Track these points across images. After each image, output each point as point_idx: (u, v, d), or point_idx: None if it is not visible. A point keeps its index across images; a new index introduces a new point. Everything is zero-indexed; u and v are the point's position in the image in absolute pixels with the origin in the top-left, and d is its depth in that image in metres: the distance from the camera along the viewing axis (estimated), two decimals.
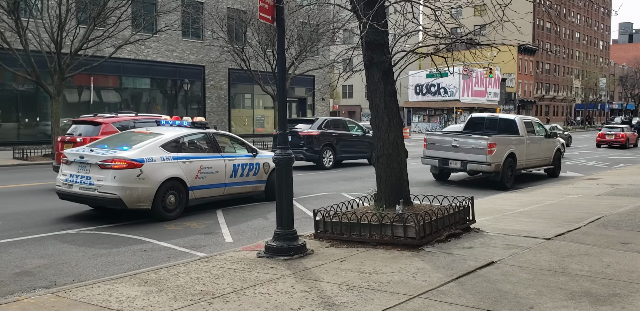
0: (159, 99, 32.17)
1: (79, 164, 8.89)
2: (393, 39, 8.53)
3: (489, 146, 13.31)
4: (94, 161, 8.67)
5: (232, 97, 34.62)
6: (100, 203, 8.87)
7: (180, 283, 5.25)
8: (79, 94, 28.10)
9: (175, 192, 9.07)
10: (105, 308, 4.55)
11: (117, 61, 27.45)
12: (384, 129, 7.48)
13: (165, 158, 9.02)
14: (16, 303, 4.71)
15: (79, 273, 6.00)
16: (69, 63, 22.11)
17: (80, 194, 8.78)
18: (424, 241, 6.55)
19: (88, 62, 22.74)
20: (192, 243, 7.42)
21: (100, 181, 8.52)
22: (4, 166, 19.05)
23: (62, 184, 9.05)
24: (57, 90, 22.10)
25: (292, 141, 17.24)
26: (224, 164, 10.01)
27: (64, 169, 9.21)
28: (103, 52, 24.66)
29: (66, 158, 9.17)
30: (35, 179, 14.72)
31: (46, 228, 8.29)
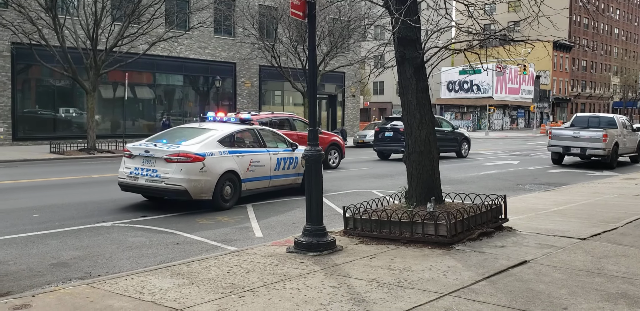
0: (191, 95, 32.57)
1: (144, 158, 9.44)
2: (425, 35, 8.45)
3: (603, 136, 18.24)
4: (160, 155, 9.23)
5: (262, 94, 34.83)
6: (167, 194, 9.43)
7: (211, 276, 5.31)
8: (113, 90, 28.64)
9: (231, 184, 9.70)
10: (139, 300, 4.64)
11: (150, 58, 27.89)
12: (416, 126, 7.42)
13: (222, 152, 9.68)
14: (53, 293, 4.83)
15: (113, 265, 6.13)
16: (104, 59, 22.56)
17: (146, 186, 9.34)
18: (455, 239, 6.49)
19: (123, 58, 23.16)
20: (223, 237, 7.50)
21: (166, 173, 9.10)
22: (41, 160, 19.57)
23: (126, 177, 9.55)
24: (92, 86, 22.58)
25: (394, 136, 20.28)
26: (269, 158, 10.66)
27: (127, 162, 9.70)
28: (137, 49, 25.08)
29: (129, 152, 9.68)
30: (71, 173, 15.09)
31: (81, 220, 8.49)
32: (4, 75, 24.79)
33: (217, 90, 32.05)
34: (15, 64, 25.08)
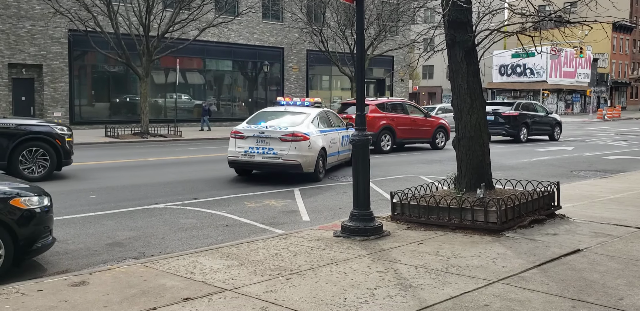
0: (240, 80, 32.92)
1: (258, 139, 10.84)
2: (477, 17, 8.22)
3: None
4: (275, 136, 10.73)
5: (310, 78, 34.84)
6: (283, 168, 10.93)
7: (259, 258, 5.41)
8: (165, 75, 29.26)
9: (322, 158, 11.27)
10: (190, 280, 4.77)
11: (201, 44, 28.29)
12: (466, 111, 7.26)
13: (316, 132, 11.27)
14: (109, 271, 5.03)
15: (166, 246, 6.32)
16: (157, 45, 23.03)
17: (263, 162, 10.82)
18: (505, 226, 6.37)
19: (174, 44, 23.59)
20: (270, 220, 7.61)
21: (283, 151, 10.62)
22: (97, 144, 20.28)
23: (241, 155, 10.89)
24: (145, 71, 23.13)
25: (495, 120, 21.77)
26: (338, 136, 12.41)
27: (239, 143, 10.98)
28: (188, 35, 25.47)
29: (241, 134, 11.02)
30: (125, 156, 15.59)
31: (135, 202, 8.78)
32: (61, 61, 25.70)
33: (266, 75, 32.27)
34: (72, 50, 25.95)
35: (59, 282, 4.69)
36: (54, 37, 25.43)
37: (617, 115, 47.65)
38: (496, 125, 21.85)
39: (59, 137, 11.08)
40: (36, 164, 10.76)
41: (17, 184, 5.45)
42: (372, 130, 17.06)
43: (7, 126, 10.61)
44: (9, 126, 10.64)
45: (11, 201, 5.04)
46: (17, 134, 10.56)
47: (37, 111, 25.39)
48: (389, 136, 17.75)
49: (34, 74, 25.43)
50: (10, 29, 24.40)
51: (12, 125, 10.68)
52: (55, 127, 11.28)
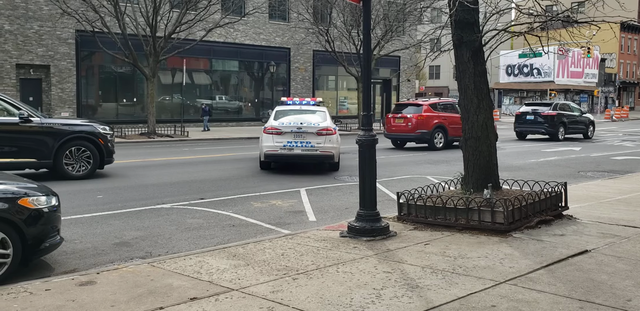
0: (246, 81, 32.96)
1: (295, 134, 12.25)
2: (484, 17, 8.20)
3: None
4: (312, 131, 12.24)
5: (316, 79, 34.84)
6: (320, 159, 12.50)
7: (266, 258, 5.42)
8: (172, 75, 29.35)
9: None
10: (197, 279, 4.79)
11: (207, 44, 28.35)
12: (473, 111, 7.25)
13: (335, 127, 12.96)
14: (116, 271, 5.05)
15: (172, 245, 6.34)
16: (163, 46, 23.11)
17: (302, 154, 12.28)
18: (512, 226, 6.34)
19: (181, 45, 23.66)
20: (277, 221, 7.62)
21: (319, 144, 12.23)
22: None
23: (280, 149, 12.21)
24: (152, 72, 23.21)
25: (534, 120, 23.55)
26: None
27: (276, 138, 12.27)
28: (194, 35, 25.53)
29: (279, 130, 12.29)
30: (132, 157, 15.63)
31: (142, 202, 8.81)
32: (69, 62, 25.83)
33: (272, 75, 32.30)
34: (79, 51, 26.08)
35: (67, 281, 4.71)
36: (62, 37, 25.56)
37: (625, 115, 47.37)
38: (536, 124, 23.60)
39: (102, 137, 11.45)
40: (80, 163, 11.08)
41: (25, 184, 5.48)
42: (426, 128, 18.72)
43: (52, 125, 10.89)
44: (54, 125, 10.91)
45: (19, 200, 5.07)
46: (62, 134, 10.89)
47: (44, 112, 25.52)
48: (442, 134, 19.03)
49: (42, 75, 25.57)
50: (19, 30, 24.55)
51: (57, 124, 10.98)
52: (98, 127, 11.63)
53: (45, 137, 10.73)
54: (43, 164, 10.85)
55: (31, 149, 10.59)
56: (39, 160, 10.71)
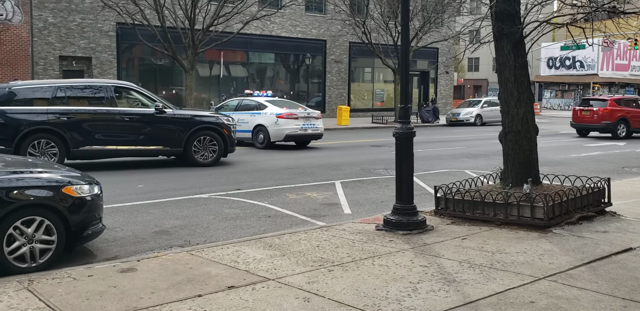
0: (282, 73, 33.07)
1: (306, 118, 16.43)
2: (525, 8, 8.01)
3: None
4: (315, 115, 16.74)
5: (352, 71, 34.68)
6: (317, 137, 16.91)
7: (301, 249, 5.45)
8: (209, 68, 29.67)
9: None
10: (234, 268, 4.85)
11: (244, 37, 28.51)
12: (513, 104, 7.10)
13: None
14: (156, 258, 5.16)
15: (210, 235, 6.44)
16: (202, 39, 23.35)
17: (311, 133, 16.58)
18: (552, 222, 6.21)
19: (218, 37, 23.87)
20: (312, 212, 7.65)
21: (319, 125, 16.71)
22: None
23: (299, 130, 16.18)
24: (190, 64, 23.50)
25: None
26: None
27: (294, 122, 16.13)
28: (232, 28, 25.71)
29: (296, 115, 16.20)
30: None
31: (181, 191, 8.96)
32: (110, 54, 26.38)
33: (307, 67, 32.32)
34: (120, 43, 26.59)
35: (109, 268, 4.84)
36: (103, 30, 26.10)
37: None
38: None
39: (226, 127, 12.36)
40: (206, 151, 11.92)
41: (69, 172, 5.64)
42: (610, 120, 21.51)
43: (183, 116, 11.92)
44: (185, 116, 11.93)
45: (63, 189, 5.22)
46: (192, 124, 11.84)
47: None
48: (624, 125, 21.70)
49: (84, 66, 26.19)
50: (62, 23, 25.17)
51: (187, 115, 12.02)
52: (222, 118, 12.58)
53: (177, 127, 11.75)
54: (174, 152, 11.96)
55: (164, 138, 11.66)
56: (171, 148, 11.78)
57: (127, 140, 11.35)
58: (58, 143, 10.76)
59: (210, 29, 23.62)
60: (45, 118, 10.72)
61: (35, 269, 4.88)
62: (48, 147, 10.71)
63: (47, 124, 10.71)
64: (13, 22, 23.95)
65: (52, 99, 10.96)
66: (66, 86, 11.28)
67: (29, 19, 24.35)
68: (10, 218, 4.83)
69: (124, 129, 11.30)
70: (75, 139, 10.90)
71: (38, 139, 10.65)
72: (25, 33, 24.42)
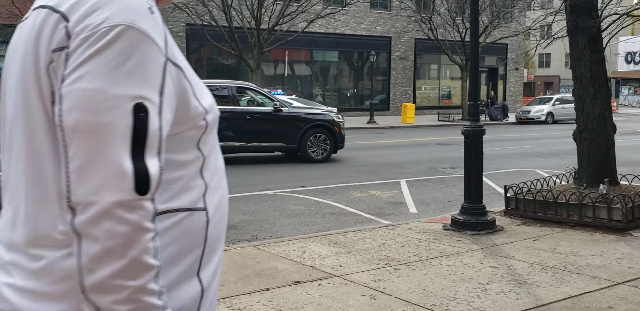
0: (345, 71, 33.11)
1: None
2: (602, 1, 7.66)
3: None
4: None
5: (417, 68, 34.27)
6: None
7: (366, 247, 5.44)
8: (274, 67, 30.13)
9: None
10: (300, 264, 4.91)
11: (308, 35, 28.76)
12: (589, 101, 6.80)
13: None
14: (225, 252, 5.30)
15: (276, 230, 6.54)
16: (267, 38, 23.74)
17: None
18: (631, 225, 5.90)
19: (283, 36, 24.18)
20: (376, 211, 7.62)
21: None
22: None
23: None
24: (256, 63, 23.94)
25: None
26: None
27: None
28: (297, 27, 25.99)
29: None
30: None
31: (249, 187, 9.16)
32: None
33: (372, 65, 32.17)
34: (189, 44, 27.45)
35: None
36: (173, 31, 26.99)
37: None
38: None
39: (337, 124, 12.77)
40: (319, 148, 12.42)
41: None
42: None
43: (299, 114, 12.60)
44: (300, 114, 12.63)
45: None
46: (306, 121, 12.41)
47: None
48: None
49: None
50: None
51: (302, 113, 12.69)
52: (333, 115, 13.10)
53: (292, 125, 12.34)
54: (289, 148, 12.55)
55: (281, 135, 12.24)
56: (287, 144, 12.40)
57: (249, 137, 12.04)
58: None
59: (275, 28, 23.96)
60: None
61: None
62: None
63: None
64: None
65: None
66: None
67: None
68: None
69: (246, 126, 12.00)
70: None
71: None
72: None
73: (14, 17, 22.09)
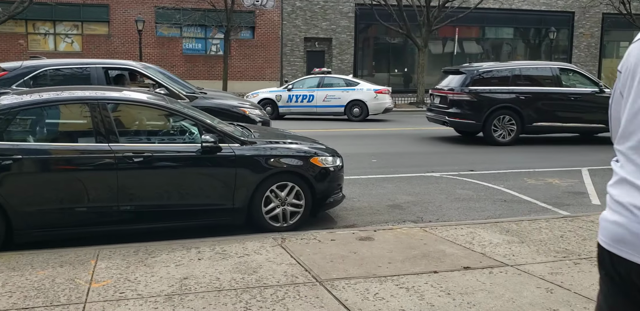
0: (520, 48, 31.10)
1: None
2: None
3: None
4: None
5: (604, 45, 31.00)
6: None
7: (542, 238, 5.09)
8: (442, 45, 29.30)
9: None
10: (469, 250, 4.74)
11: (480, 11, 27.40)
12: None
13: None
14: (391, 231, 5.31)
15: (442, 214, 6.40)
16: (437, 15, 23.09)
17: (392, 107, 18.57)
18: None
19: (454, 13, 23.33)
20: (553, 200, 7.08)
21: None
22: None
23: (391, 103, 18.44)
24: (424, 42, 23.48)
25: None
26: None
27: (387, 96, 18.13)
28: (468, 3, 24.90)
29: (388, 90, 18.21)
30: (401, 125, 16.23)
31: (412, 168, 9.07)
32: (348, 34, 27.71)
33: (550, 42, 29.81)
34: (357, 24, 27.74)
35: (348, 235, 5.13)
36: (343, 11, 27.47)
37: None
38: None
39: None
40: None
41: (314, 144, 6.07)
42: None
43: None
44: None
45: (311, 159, 5.65)
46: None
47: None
48: None
49: (325, 47, 27.99)
50: (307, 6, 27.15)
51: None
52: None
53: None
54: None
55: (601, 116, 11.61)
56: None
57: (570, 117, 12.10)
58: (516, 119, 11.94)
59: (446, 5, 23.20)
60: (509, 97, 11.96)
61: (285, 229, 5.42)
62: (508, 123, 11.98)
63: (510, 102, 11.94)
64: (267, 7, 26.60)
65: (511, 79, 12.14)
66: (522, 68, 12.46)
67: (280, 4, 26.79)
68: (267, 182, 5.41)
69: (567, 107, 12.06)
70: (530, 116, 11.98)
71: (501, 116, 11.94)
72: (276, 17, 26.97)
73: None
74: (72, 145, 4.98)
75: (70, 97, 5.17)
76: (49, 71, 8.09)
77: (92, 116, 4.98)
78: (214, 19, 24.76)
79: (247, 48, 26.65)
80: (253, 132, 6.05)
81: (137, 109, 5.59)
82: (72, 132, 5.31)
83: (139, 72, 8.82)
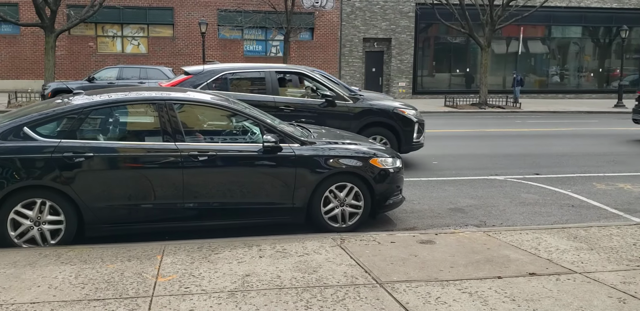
0: (588, 48, 29.86)
1: None
2: None
3: None
4: None
5: None
6: None
7: (613, 246, 4.85)
8: (506, 45, 28.51)
9: None
10: (534, 255, 4.58)
11: (547, 10, 26.49)
12: None
13: None
14: (453, 234, 5.20)
15: (506, 218, 6.21)
16: (500, 14, 22.48)
17: None
18: None
19: (518, 12, 22.66)
20: (625, 206, 6.74)
21: None
22: (437, 113, 21.17)
23: None
24: (487, 42, 22.91)
25: None
26: None
27: None
28: (534, 1, 24.12)
29: None
30: (464, 126, 15.89)
31: (475, 171, 8.86)
32: (408, 34, 27.41)
33: (622, 41, 28.41)
34: (418, 23, 27.40)
35: (408, 237, 5.06)
36: (403, 11, 27.20)
37: None
38: None
39: None
40: None
41: (373, 145, 6.03)
42: None
43: None
44: None
45: (370, 160, 5.61)
46: None
47: (384, 81, 27.84)
48: None
49: (384, 47, 27.80)
50: (366, 6, 27.06)
51: None
52: None
53: None
54: None
55: None
56: None
57: None
58: None
59: (510, 4, 22.55)
60: None
61: (344, 229, 5.41)
62: None
63: None
64: (326, 8, 26.70)
65: None
66: None
67: (339, 5, 26.82)
68: (326, 182, 5.41)
69: None
70: None
71: None
72: (335, 18, 27.02)
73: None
74: (140, 144, 5.14)
75: (138, 97, 5.35)
76: (227, 75, 8.54)
77: (160, 115, 5.13)
78: (274, 21, 25.07)
79: (306, 49, 26.84)
80: (312, 132, 6.07)
81: (201, 109, 5.72)
82: (140, 132, 5.48)
83: (307, 76, 9.16)
